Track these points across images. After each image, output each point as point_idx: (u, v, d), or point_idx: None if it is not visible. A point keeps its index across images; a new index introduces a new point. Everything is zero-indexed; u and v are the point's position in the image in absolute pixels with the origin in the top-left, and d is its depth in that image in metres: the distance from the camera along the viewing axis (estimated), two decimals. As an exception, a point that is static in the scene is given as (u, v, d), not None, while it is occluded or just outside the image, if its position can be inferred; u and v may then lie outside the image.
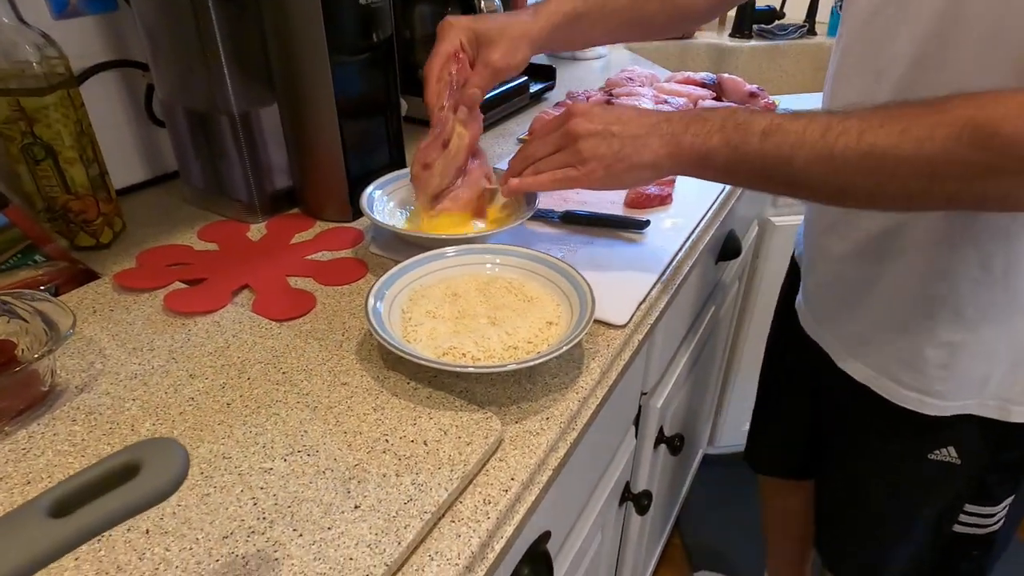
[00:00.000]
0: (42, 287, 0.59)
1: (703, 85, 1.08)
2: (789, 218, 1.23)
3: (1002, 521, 0.69)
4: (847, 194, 0.50)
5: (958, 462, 0.65)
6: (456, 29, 0.64)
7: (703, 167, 0.54)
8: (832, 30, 1.62)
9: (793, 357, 0.85)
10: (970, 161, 0.44)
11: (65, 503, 0.24)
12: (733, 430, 1.53)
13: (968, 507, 0.68)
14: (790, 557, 1.13)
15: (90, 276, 0.63)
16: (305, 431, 0.44)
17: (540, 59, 1.38)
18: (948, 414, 0.63)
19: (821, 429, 0.84)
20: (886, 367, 0.66)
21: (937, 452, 0.66)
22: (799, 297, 0.80)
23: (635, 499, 0.80)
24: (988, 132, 0.43)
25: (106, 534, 0.37)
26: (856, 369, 0.69)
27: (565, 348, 0.48)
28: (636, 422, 0.80)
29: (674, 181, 0.78)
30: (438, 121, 0.64)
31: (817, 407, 0.84)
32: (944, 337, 0.60)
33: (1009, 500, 0.68)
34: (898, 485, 0.71)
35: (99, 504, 0.24)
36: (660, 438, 0.85)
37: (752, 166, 0.51)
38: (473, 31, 0.64)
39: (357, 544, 0.37)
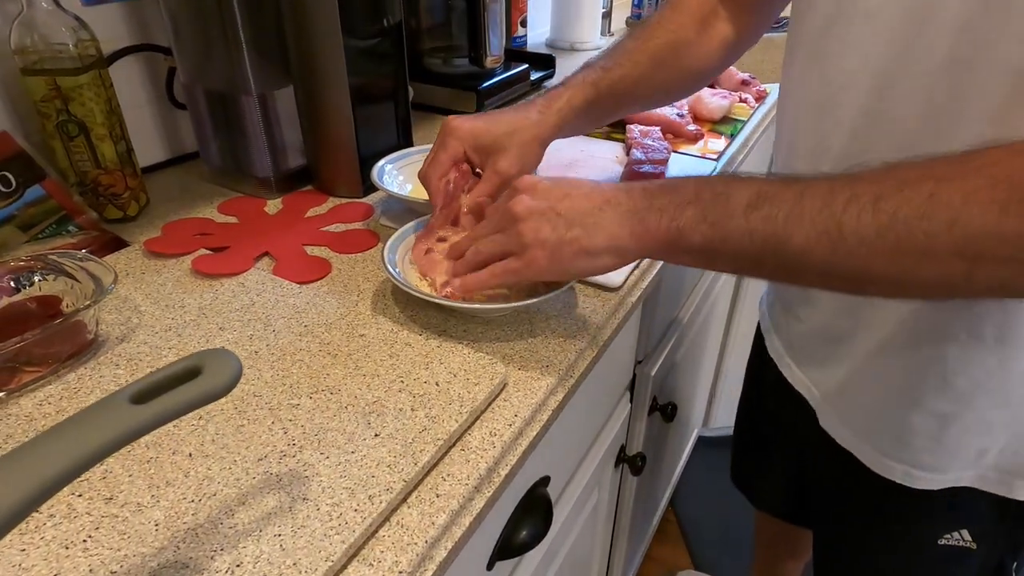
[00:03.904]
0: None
1: (697, 73, 1.12)
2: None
3: None
4: (866, 280, 0.38)
5: (973, 547, 0.59)
6: (457, 138, 0.58)
7: (675, 250, 0.43)
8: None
9: (774, 403, 0.75)
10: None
11: (143, 394, 0.28)
12: (728, 412, 1.58)
13: None
14: (777, 567, 1.10)
15: (120, 244, 0.67)
16: (327, 374, 0.49)
17: (540, 48, 1.43)
18: (940, 487, 0.57)
19: (810, 482, 0.76)
20: (868, 433, 0.60)
21: (948, 536, 0.59)
22: (776, 342, 0.72)
23: (630, 460, 0.84)
24: None
25: (154, 456, 0.42)
26: (837, 431, 0.62)
27: (559, 292, 0.54)
28: (631, 389, 0.85)
29: (667, 160, 0.83)
30: (443, 206, 0.59)
31: (803, 459, 0.76)
32: (932, 407, 0.53)
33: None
34: (908, 574, 0.65)
35: (170, 396, 0.28)
36: (654, 406, 0.90)
37: (737, 247, 0.40)
38: (477, 140, 0.59)
39: (378, 464, 0.41)
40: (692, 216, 0.42)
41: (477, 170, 0.62)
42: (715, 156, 0.89)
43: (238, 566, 0.36)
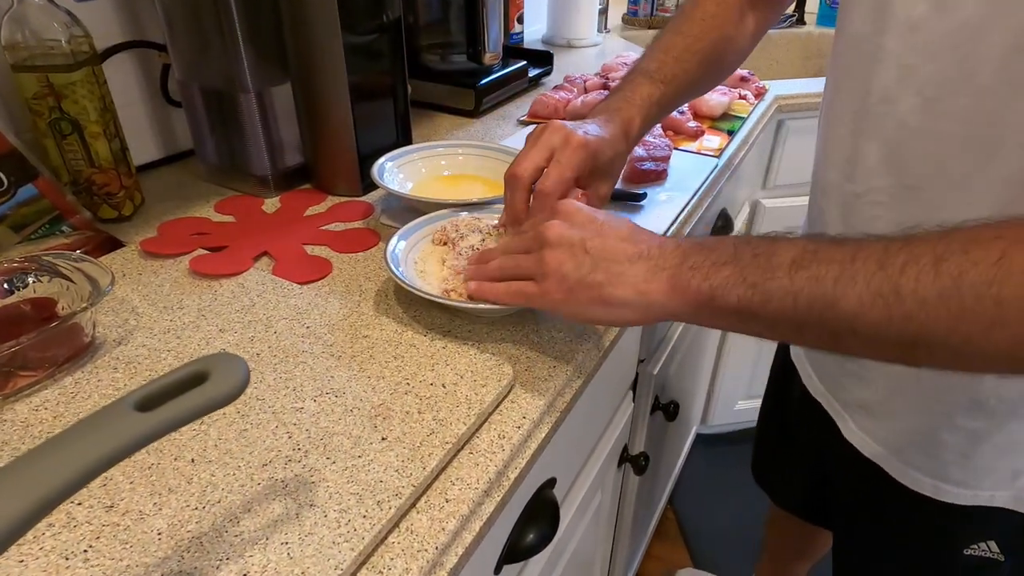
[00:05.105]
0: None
1: (696, 70, 1.12)
2: (780, 200, 1.28)
3: None
4: (922, 348, 0.35)
5: (1001, 559, 0.57)
6: (586, 152, 0.53)
7: (707, 311, 0.40)
8: (821, 20, 1.66)
9: (799, 405, 0.75)
10: None
11: (148, 401, 0.27)
12: (725, 409, 1.58)
13: None
14: (785, 567, 1.11)
15: (115, 245, 0.66)
16: (331, 376, 0.48)
17: (537, 45, 1.42)
18: (973, 504, 0.55)
19: (833, 486, 0.75)
20: (895, 446, 0.58)
21: (975, 547, 0.58)
22: (798, 351, 0.73)
23: (633, 460, 0.84)
24: None
25: (155, 462, 0.41)
26: (862, 443, 0.62)
27: None
28: (634, 388, 0.84)
29: (668, 157, 0.82)
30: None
31: (827, 463, 0.74)
32: (963, 424, 0.52)
33: None
34: None
35: (176, 403, 0.27)
36: (656, 404, 0.89)
37: (778, 310, 0.37)
38: (596, 162, 0.55)
39: (386, 469, 0.40)
40: (728, 276, 0.38)
41: None
42: (715, 153, 0.88)
43: (245, 575, 0.35)
